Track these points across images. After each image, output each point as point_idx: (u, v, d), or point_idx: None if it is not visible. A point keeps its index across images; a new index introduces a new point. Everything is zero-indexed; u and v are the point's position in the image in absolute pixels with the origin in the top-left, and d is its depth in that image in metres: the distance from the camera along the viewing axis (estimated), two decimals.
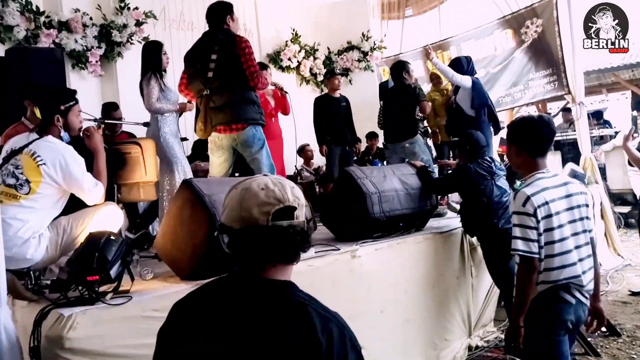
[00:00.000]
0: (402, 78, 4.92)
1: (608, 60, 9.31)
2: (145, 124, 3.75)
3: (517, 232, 2.04)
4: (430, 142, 5.99)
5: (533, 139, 2.11)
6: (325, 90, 6.20)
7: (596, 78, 10.42)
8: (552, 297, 2.04)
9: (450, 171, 4.32)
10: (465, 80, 4.74)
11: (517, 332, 2.07)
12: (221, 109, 3.36)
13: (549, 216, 2.01)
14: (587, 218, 2.10)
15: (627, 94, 11.22)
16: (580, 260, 2.05)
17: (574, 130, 6.70)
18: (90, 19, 5.40)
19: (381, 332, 2.91)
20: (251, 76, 3.32)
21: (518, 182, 2.18)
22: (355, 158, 6.32)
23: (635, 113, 5.25)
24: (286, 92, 5.05)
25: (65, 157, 2.31)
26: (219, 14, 3.45)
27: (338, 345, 1.04)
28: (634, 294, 4.42)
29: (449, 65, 5.12)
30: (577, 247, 2.05)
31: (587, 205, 2.11)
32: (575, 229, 2.06)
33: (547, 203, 2.01)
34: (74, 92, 2.57)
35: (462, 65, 4.93)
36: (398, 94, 4.98)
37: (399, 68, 5.03)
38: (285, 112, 5.21)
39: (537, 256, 2.00)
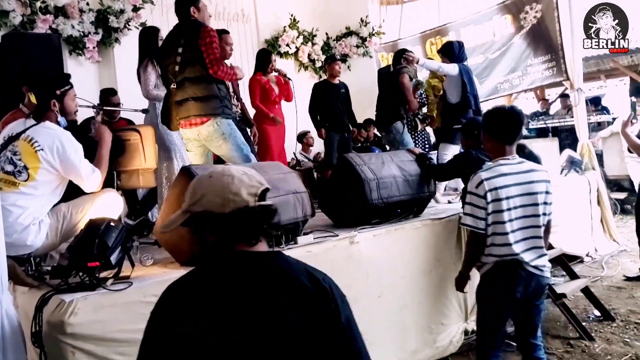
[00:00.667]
0: (400, 65, 4.90)
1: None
2: (144, 111, 3.75)
3: (467, 209, 2.37)
4: (429, 128, 5.98)
5: (503, 128, 2.36)
6: (324, 77, 6.18)
7: (594, 64, 10.38)
8: (500, 273, 2.34)
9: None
10: (451, 69, 4.62)
11: (463, 279, 2.59)
12: (181, 103, 3.30)
13: (498, 200, 2.28)
14: (545, 203, 2.36)
15: (625, 80, 11.19)
16: (524, 239, 2.32)
17: (572, 117, 6.70)
18: (87, 4, 5.37)
19: (379, 317, 2.95)
20: (210, 64, 3.18)
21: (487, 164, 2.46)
22: (359, 145, 6.33)
23: (634, 99, 5.23)
24: (289, 79, 5.06)
25: (63, 142, 2.31)
26: (184, 6, 3.38)
27: (337, 293, 1.17)
28: (628, 279, 4.47)
29: (441, 50, 5.07)
30: (522, 228, 2.32)
31: (547, 192, 2.36)
32: (525, 212, 2.32)
33: (497, 188, 2.27)
34: (68, 76, 2.57)
35: (452, 50, 4.80)
36: (389, 81, 4.95)
37: (398, 55, 5.01)
38: (288, 98, 5.21)
39: (483, 232, 2.32)
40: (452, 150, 4.62)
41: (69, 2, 5.18)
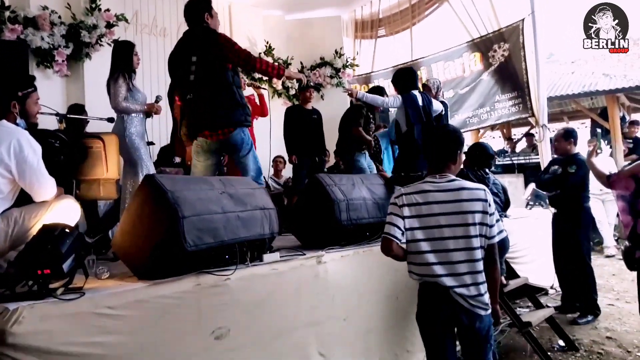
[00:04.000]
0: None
1: (569, 87, 9.68)
2: (110, 120, 3.64)
3: (387, 217, 2.32)
4: None
5: (432, 146, 2.39)
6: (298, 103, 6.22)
7: (558, 105, 10.83)
8: (424, 293, 2.29)
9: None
10: (393, 102, 4.63)
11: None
12: (205, 113, 3.23)
13: (416, 216, 2.23)
14: (483, 224, 2.21)
15: (586, 123, 11.67)
16: (447, 263, 2.18)
17: (537, 155, 6.91)
18: (59, 17, 5.28)
19: (343, 340, 2.87)
20: (246, 62, 3.17)
21: None
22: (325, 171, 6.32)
23: (599, 130, 5.43)
24: (264, 89, 5.04)
25: (21, 141, 2.20)
26: (197, 12, 3.34)
27: None
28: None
29: (392, 78, 5.00)
30: (447, 250, 2.19)
31: (483, 212, 2.21)
32: (453, 233, 2.19)
33: (415, 204, 2.23)
34: (33, 78, 2.47)
35: (400, 79, 4.73)
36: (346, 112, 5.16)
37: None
38: (264, 113, 5.21)
39: (395, 240, 2.24)
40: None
41: (40, 14, 5.09)
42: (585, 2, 5.76)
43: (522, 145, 9.82)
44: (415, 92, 4.57)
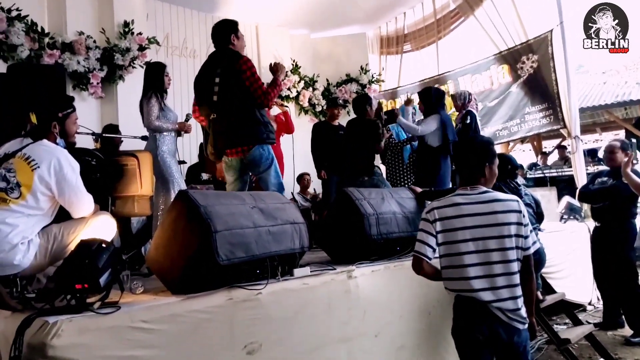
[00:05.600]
0: (364, 112, 4.97)
1: (601, 97, 9.47)
2: (143, 138, 3.74)
3: (417, 234, 2.31)
4: None
5: (459, 160, 2.41)
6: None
7: (590, 116, 10.58)
8: (459, 308, 2.24)
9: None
10: (428, 128, 4.85)
11: None
12: (226, 132, 3.32)
13: (450, 230, 2.19)
14: (519, 236, 2.15)
15: (620, 134, 11.37)
16: (485, 276, 2.13)
17: (569, 167, 6.74)
18: (94, 42, 5.49)
19: (375, 357, 2.82)
20: (259, 99, 3.26)
21: None
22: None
23: (634, 140, 5.24)
24: (286, 106, 5.09)
25: (60, 159, 2.27)
26: (224, 33, 3.42)
27: None
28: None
29: (420, 93, 5.28)
30: (481, 264, 2.14)
31: (518, 224, 2.16)
32: (489, 245, 2.14)
33: (448, 218, 2.20)
34: (72, 99, 2.57)
35: (430, 97, 5.03)
36: (359, 128, 5.00)
37: (362, 102, 5.05)
38: (289, 130, 5.26)
39: (425, 259, 2.26)
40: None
41: (77, 39, 5.30)
42: None
43: (553, 157, 9.61)
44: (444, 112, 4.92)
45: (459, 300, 2.24)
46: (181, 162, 4.23)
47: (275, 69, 3.57)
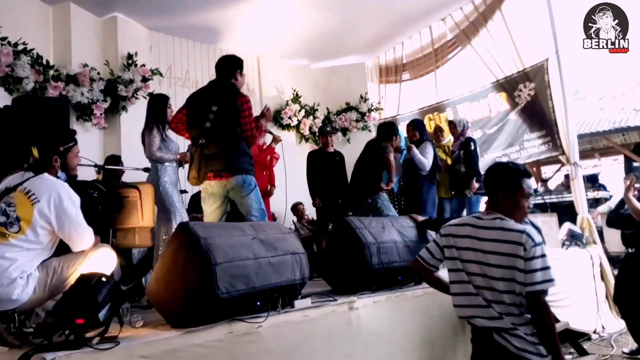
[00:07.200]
0: (388, 139, 4.94)
1: (599, 123, 9.54)
2: (146, 170, 3.76)
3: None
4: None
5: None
6: None
7: (588, 142, 10.63)
8: (472, 336, 2.28)
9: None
10: (430, 156, 5.27)
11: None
12: (215, 158, 3.39)
13: (451, 247, 2.29)
14: (510, 268, 2.06)
15: (619, 159, 11.41)
16: (477, 306, 2.15)
17: (570, 193, 6.74)
18: (98, 73, 5.58)
19: None
20: (248, 134, 3.45)
21: None
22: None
23: (636, 164, 5.20)
24: (280, 140, 4.98)
25: (60, 193, 2.28)
26: (230, 67, 3.54)
27: None
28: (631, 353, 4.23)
29: (415, 124, 5.70)
30: (478, 288, 2.17)
31: (514, 255, 2.05)
32: (480, 270, 2.17)
33: (453, 235, 2.29)
34: (74, 132, 2.60)
35: (424, 126, 5.68)
36: (370, 150, 5.06)
37: (389, 129, 5.09)
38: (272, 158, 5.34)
39: (420, 260, 2.44)
40: None
41: (81, 70, 5.39)
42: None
43: (553, 182, 9.63)
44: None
45: (471, 326, 2.28)
46: (183, 192, 4.24)
47: (264, 114, 3.87)
